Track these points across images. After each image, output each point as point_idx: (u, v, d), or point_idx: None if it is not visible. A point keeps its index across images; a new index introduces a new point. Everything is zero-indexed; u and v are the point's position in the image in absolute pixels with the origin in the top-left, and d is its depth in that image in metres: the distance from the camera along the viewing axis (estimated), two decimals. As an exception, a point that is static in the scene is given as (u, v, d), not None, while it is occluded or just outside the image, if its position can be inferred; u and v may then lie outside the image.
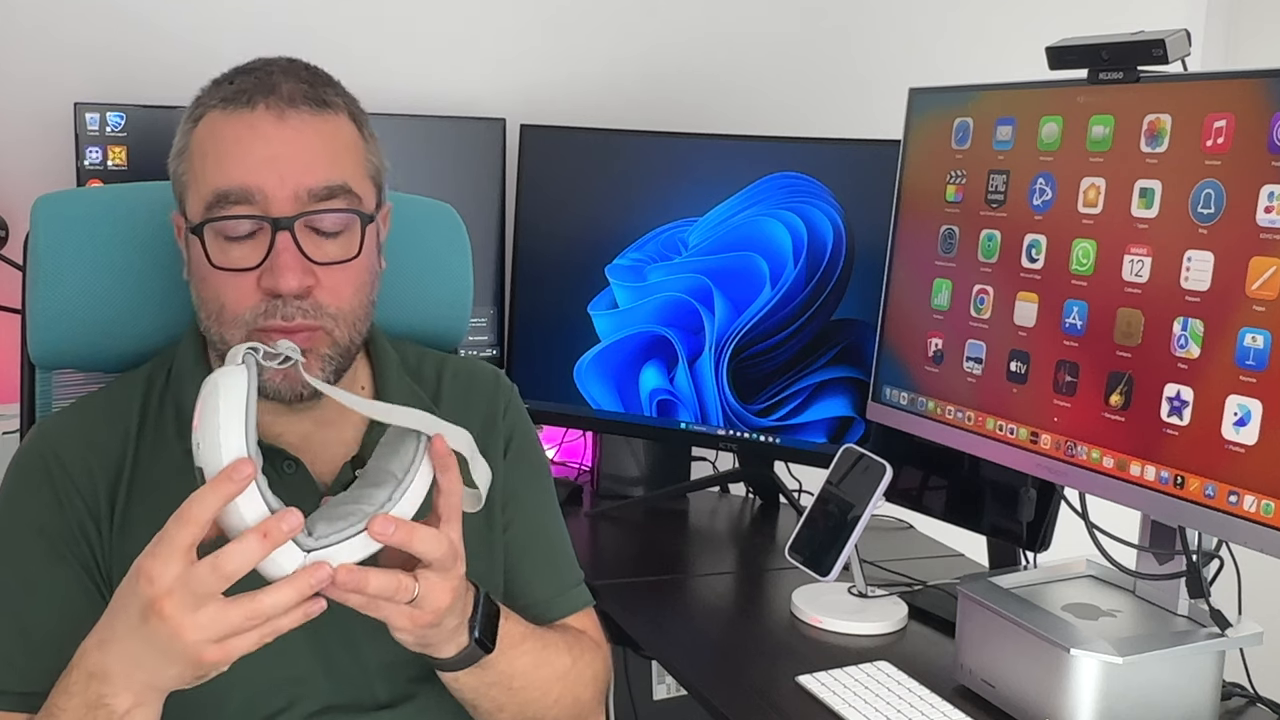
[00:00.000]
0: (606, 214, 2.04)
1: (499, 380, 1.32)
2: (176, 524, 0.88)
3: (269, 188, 1.06)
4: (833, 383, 1.91)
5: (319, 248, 1.08)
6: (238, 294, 1.07)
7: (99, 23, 1.99)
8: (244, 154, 1.06)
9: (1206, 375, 1.23)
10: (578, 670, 1.22)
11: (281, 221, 1.06)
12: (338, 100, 1.12)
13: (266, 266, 1.06)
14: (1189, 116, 1.27)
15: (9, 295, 1.73)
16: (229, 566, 0.87)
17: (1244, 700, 1.39)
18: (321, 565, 0.90)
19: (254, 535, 0.88)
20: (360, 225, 1.11)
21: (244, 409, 0.91)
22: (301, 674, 1.12)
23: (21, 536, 1.11)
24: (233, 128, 1.07)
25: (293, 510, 0.89)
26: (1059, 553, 1.54)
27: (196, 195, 1.09)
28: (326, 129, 1.10)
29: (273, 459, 1.14)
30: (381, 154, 1.18)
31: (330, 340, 1.10)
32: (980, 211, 1.52)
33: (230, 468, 0.88)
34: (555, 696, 1.19)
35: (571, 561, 1.32)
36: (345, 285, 1.10)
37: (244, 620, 0.88)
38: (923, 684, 1.39)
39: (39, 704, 1.01)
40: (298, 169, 1.07)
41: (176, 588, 0.88)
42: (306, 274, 1.07)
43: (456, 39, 2.22)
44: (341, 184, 1.09)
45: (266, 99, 1.07)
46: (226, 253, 1.07)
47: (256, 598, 0.88)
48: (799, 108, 2.40)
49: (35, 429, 1.20)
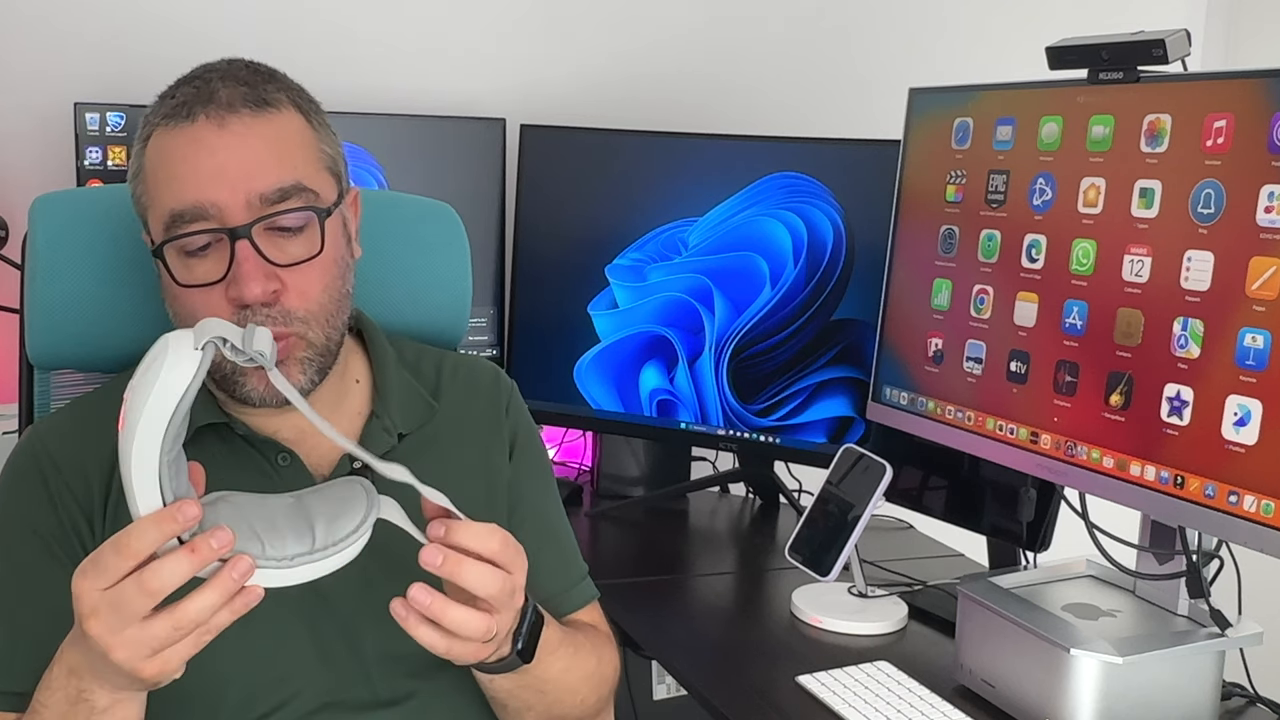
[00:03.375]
0: (606, 214, 2.04)
1: (499, 378, 1.32)
2: (113, 550, 0.86)
3: (221, 199, 1.05)
4: (833, 383, 1.91)
5: (280, 249, 1.08)
6: (208, 308, 1.06)
7: (99, 22, 1.99)
8: (191, 170, 1.06)
9: (1206, 375, 1.23)
10: (602, 671, 1.22)
11: (239, 231, 1.05)
12: (279, 96, 1.10)
13: (230, 278, 1.06)
14: (1189, 116, 1.26)
15: (8, 295, 1.73)
16: (154, 584, 0.85)
17: (1244, 700, 1.39)
18: (242, 558, 0.87)
19: (181, 552, 0.85)
20: (319, 220, 1.10)
21: (167, 419, 0.85)
22: (300, 670, 1.12)
23: (15, 537, 1.11)
24: (177, 144, 1.07)
25: (222, 528, 0.86)
26: (1059, 553, 1.54)
27: (155, 217, 1.09)
28: (270, 130, 1.09)
29: (267, 452, 1.15)
30: (336, 141, 1.16)
31: (305, 344, 1.10)
32: (980, 211, 1.52)
33: (177, 508, 0.85)
34: (581, 697, 1.19)
35: (577, 555, 1.32)
36: (313, 284, 1.10)
37: (171, 632, 0.86)
38: (923, 684, 1.39)
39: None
40: (246, 175, 1.06)
41: (101, 607, 0.86)
42: (270, 279, 1.06)
43: (456, 39, 2.22)
44: (294, 183, 1.08)
45: (206, 109, 1.06)
46: (190, 270, 1.07)
47: (179, 607, 0.86)
48: (799, 108, 2.40)
49: (29, 430, 1.20)
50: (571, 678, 1.17)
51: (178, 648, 0.87)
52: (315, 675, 1.12)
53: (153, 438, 0.85)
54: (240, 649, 1.00)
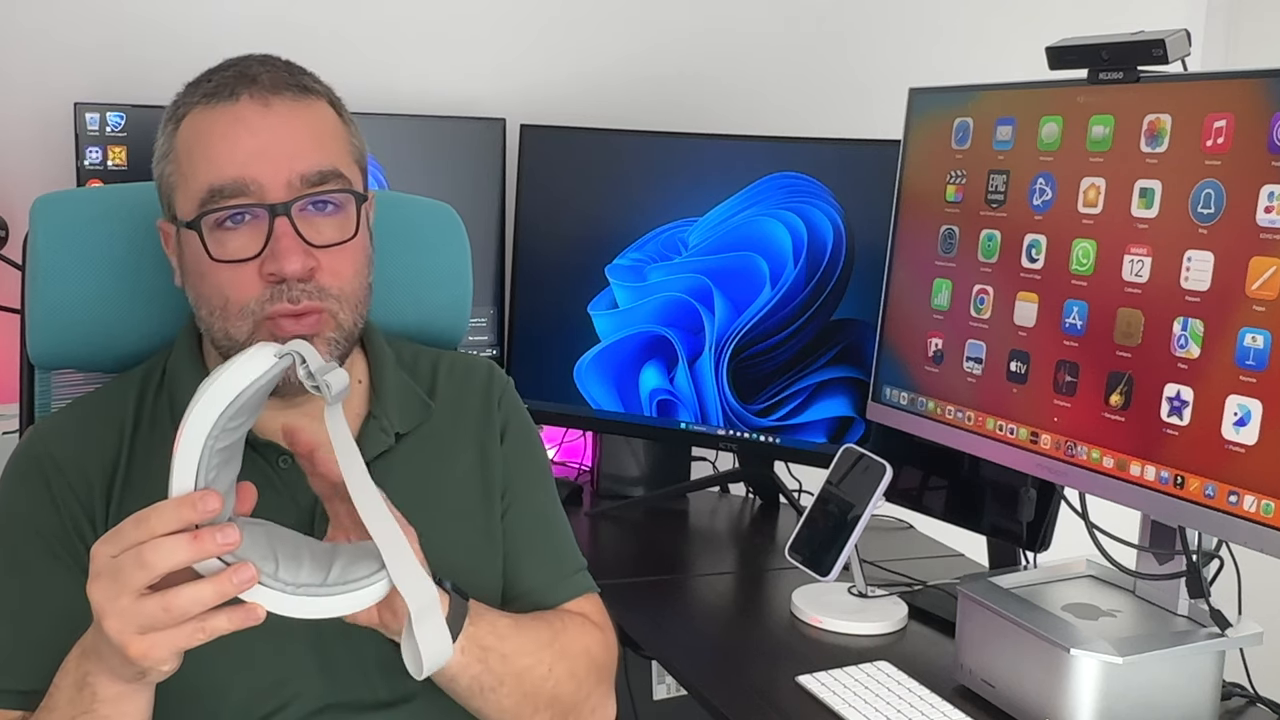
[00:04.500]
0: (606, 214, 2.04)
1: (493, 372, 1.32)
2: (134, 523, 0.87)
3: (263, 177, 1.06)
4: (833, 383, 1.91)
5: (317, 231, 1.09)
6: (240, 285, 1.07)
7: (99, 23, 1.99)
8: (232, 147, 1.07)
9: (1206, 375, 1.23)
10: (563, 641, 1.18)
11: (279, 207, 1.06)
12: (317, 87, 1.13)
13: (268, 253, 1.06)
14: (1189, 116, 1.27)
15: (8, 295, 1.73)
16: (151, 557, 0.85)
17: (1244, 700, 1.39)
18: (245, 566, 0.87)
19: (185, 535, 0.86)
20: (355, 205, 1.11)
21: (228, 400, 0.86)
22: (301, 671, 1.12)
23: (18, 537, 1.11)
24: (218, 122, 1.08)
25: (230, 525, 0.86)
26: (1059, 553, 1.54)
27: (187, 194, 1.09)
28: (311, 115, 1.11)
29: (268, 455, 1.15)
30: (362, 139, 1.18)
31: (335, 323, 1.10)
32: (980, 211, 1.52)
33: (198, 497, 0.86)
34: (548, 665, 1.15)
35: (572, 548, 1.30)
36: (346, 266, 1.11)
37: (160, 612, 0.86)
38: (923, 684, 1.39)
39: (37, 702, 1.02)
40: (288, 155, 1.07)
41: (104, 573, 0.87)
42: (308, 256, 1.07)
43: (456, 39, 2.22)
44: (332, 168, 1.10)
45: (249, 89, 1.08)
46: (224, 244, 1.07)
47: (172, 591, 0.86)
48: (799, 108, 2.40)
49: (30, 430, 1.20)
50: (525, 638, 1.13)
51: (168, 633, 0.87)
52: (316, 677, 1.12)
53: (204, 421, 0.86)
54: (241, 650, 1.00)
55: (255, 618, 0.89)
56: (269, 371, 0.88)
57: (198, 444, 0.86)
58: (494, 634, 1.10)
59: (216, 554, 0.86)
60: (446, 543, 1.10)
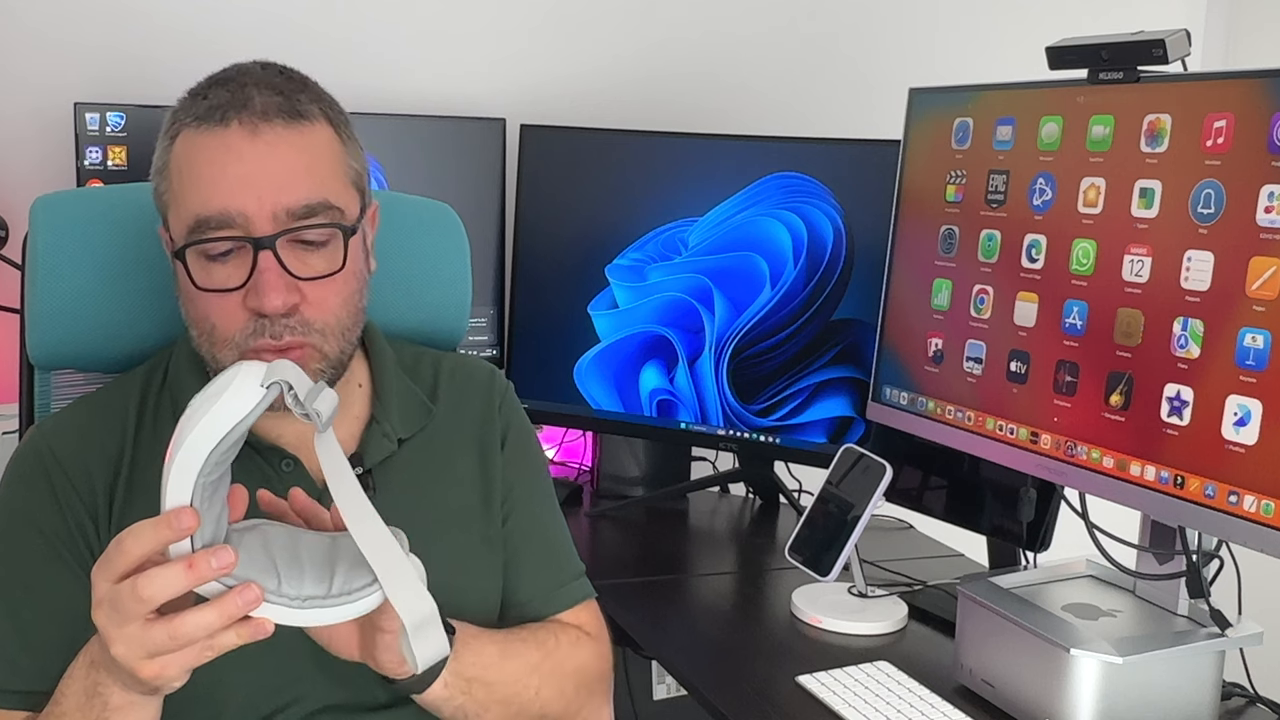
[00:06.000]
0: (606, 214, 2.04)
1: (494, 376, 1.32)
2: (115, 548, 0.86)
3: (249, 209, 1.05)
4: (833, 383, 1.91)
5: (303, 263, 1.07)
6: (225, 315, 1.06)
7: (99, 22, 1.99)
8: (219, 176, 1.05)
9: (1206, 375, 1.23)
10: (553, 661, 1.19)
11: (263, 241, 1.05)
12: (312, 108, 1.10)
13: (251, 286, 1.05)
14: (1189, 116, 1.26)
15: (8, 295, 1.73)
16: (147, 591, 0.84)
17: (1244, 700, 1.39)
18: (249, 587, 0.86)
19: (179, 564, 0.85)
20: (343, 238, 1.10)
21: (216, 440, 0.85)
22: (302, 673, 1.12)
23: (20, 536, 1.11)
24: (207, 148, 1.06)
25: (225, 548, 0.86)
26: (1059, 553, 1.54)
27: (177, 217, 1.08)
28: (302, 142, 1.08)
29: (270, 458, 1.15)
30: (363, 154, 1.16)
31: (320, 355, 1.09)
32: (980, 211, 1.52)
33: (174, 515, 0.85)
34: (535, 689, 1.16)
35: (571, 555, 1.31)
36: (331, 298, 1.09)
37: (167, 640, 0.85)
38: (923, 684, 1.39)
39: (40, 703, 1.02)
40: (275, 188, 1.06)
41: (105, 600, 0.87)
42: (291, 291, 1.06)
43: (456, 39, 2.22)
44: (321, 200, 1.08)
45: (239, 114, 1.06)
46: (210, 274, 1.07)
47: (178, 619, 0.85)
48: (799, 108, 2.40)
49: (33, 429, 1.20)
50: (512, 666, 1.14)
51: (176, 656, 0.87)
52: (317, 679, 1.12)
53: (195, 457, 0.85)
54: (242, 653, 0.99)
55: (264, 631, 0.88)
56: (255, 409, 0.87)
57: (187, 486, 0.85)
58: (478, 664, 1.11)
59: (213, 578, 0.86)
60: (447, 548, 1.10)
